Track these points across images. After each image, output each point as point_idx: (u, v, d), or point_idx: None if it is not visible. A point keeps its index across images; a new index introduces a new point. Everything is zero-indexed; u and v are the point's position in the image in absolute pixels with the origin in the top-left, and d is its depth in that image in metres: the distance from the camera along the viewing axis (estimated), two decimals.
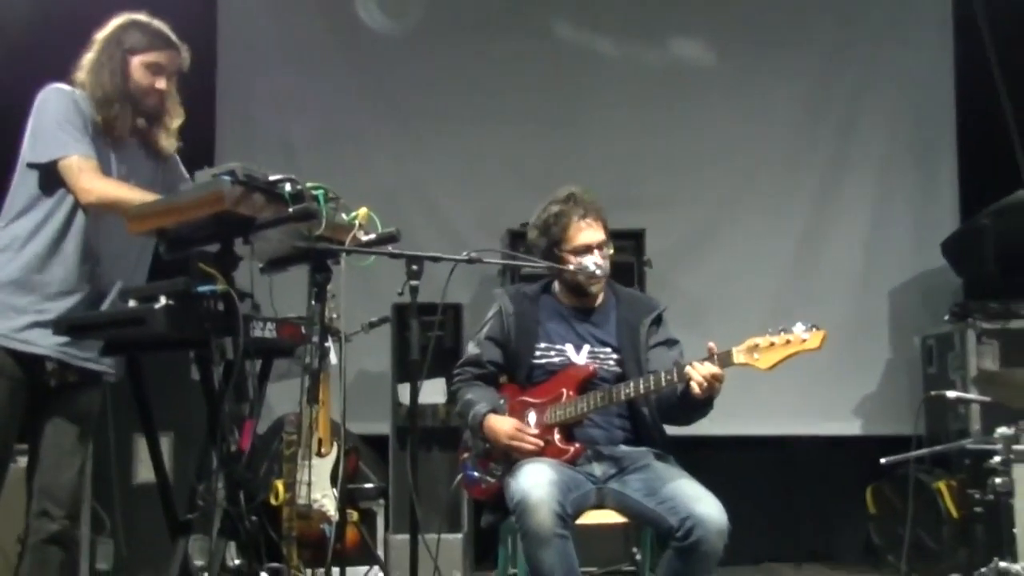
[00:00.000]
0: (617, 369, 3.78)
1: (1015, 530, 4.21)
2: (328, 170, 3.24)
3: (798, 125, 7.12)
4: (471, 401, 3.76)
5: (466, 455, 3.83)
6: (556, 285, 3.97)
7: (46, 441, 3.53)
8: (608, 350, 3.81)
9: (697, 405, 3.55)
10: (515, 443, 3.60)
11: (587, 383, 3.68)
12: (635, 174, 6.74)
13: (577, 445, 3.62)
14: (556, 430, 3.63)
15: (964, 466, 5.67)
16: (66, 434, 3.54)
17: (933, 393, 5.69)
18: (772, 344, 3.38)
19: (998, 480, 4.24)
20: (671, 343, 3.86)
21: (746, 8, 7.06)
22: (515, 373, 3.84)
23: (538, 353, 3.81)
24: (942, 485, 5.98)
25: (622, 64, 7.02)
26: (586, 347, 3.82)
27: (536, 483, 3.35)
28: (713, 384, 3.41)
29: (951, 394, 5.14)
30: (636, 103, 7.01)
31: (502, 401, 3.77)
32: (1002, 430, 4.26)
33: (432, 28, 6.92)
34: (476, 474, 3.76)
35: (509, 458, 3.64)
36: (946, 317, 6.41)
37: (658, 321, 3.88)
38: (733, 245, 6.97)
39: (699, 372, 3.41)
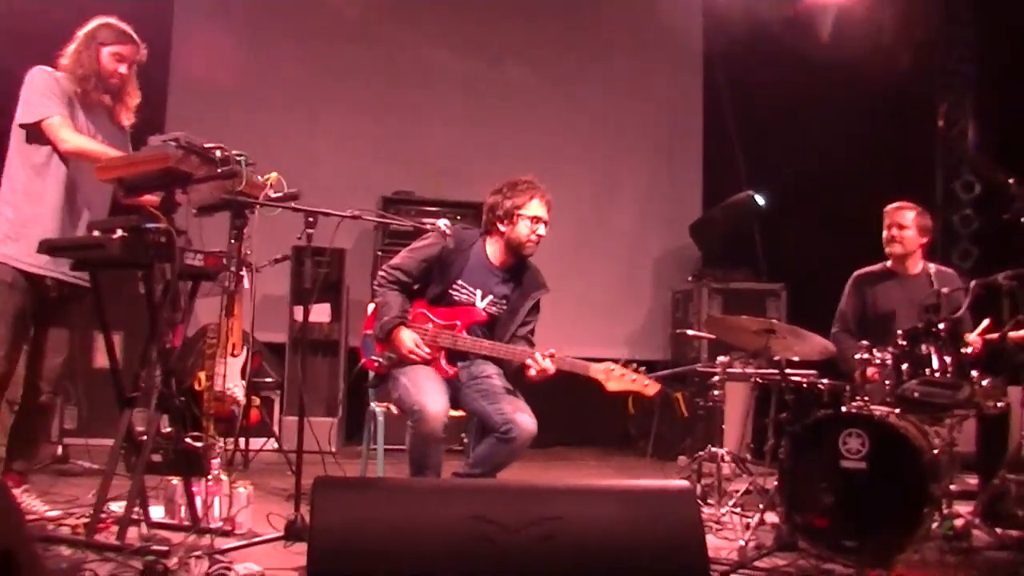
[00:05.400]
0: (501, 315, 3.72)
1: (724, 426, 4.49)
2: (250, 144, 3.20)
3: (589, 135, 7.16)
4: (389, 306, 3.62)
5: (369, 332, 3.74)
6: (489, 242, 3.79)
7: (42, 337, 3.51)
8: (504, 302, 3.73)
9: (523, 380, 3.55)
10: (412, 356, 3.55)
11: (475, 325, 3.66)
12: (472, 157, 6.66)
13: (456, 369, 3.61)
14: (443, 353, 3.59)
15: (695, 382, 5.91)
16: (58, 333, 3.54)
17: (678, 331, 5.97)
18: (623, 375, 3.39)
19: (715, 392, 4.49)
20: (531, 323, 3.80)
21: (557, 45, 7.10)
22: (427, 290, 3.70)
23: (455, 286, 3.67)
24: (679, 395, 6.27)
25: (465, 80, 6.97)
26: (490, 297, 3.71)
27: (431, 398, 3.34)
28: (544, 377, 3.45)
29: (690, 332, 5.44)
30: (474, 110, 7.00)
31: (407, 309, 3.64)
32: (721, 358, 4.49)
33: (329, 42, 6.79)
34: (374, 354, 3.68)
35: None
36: (689, 278, 6.72)
37: (536, 306, 3.79)
38: None
39: (538, 365, 3.43)
